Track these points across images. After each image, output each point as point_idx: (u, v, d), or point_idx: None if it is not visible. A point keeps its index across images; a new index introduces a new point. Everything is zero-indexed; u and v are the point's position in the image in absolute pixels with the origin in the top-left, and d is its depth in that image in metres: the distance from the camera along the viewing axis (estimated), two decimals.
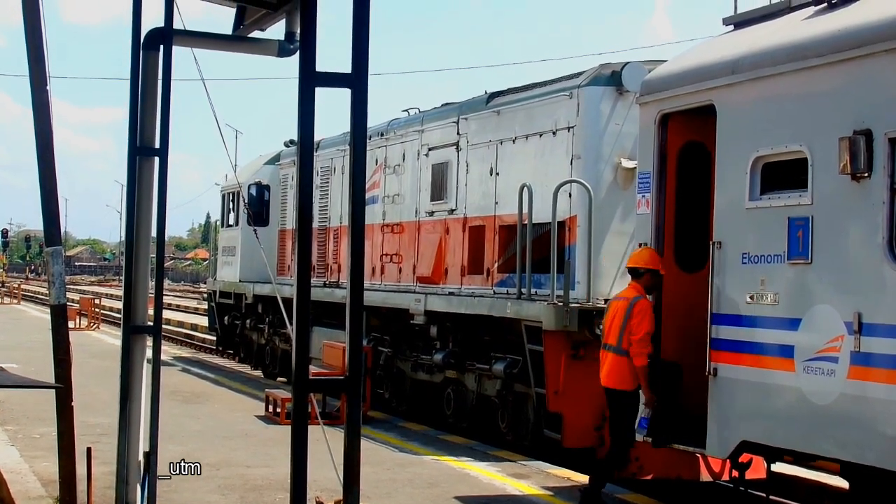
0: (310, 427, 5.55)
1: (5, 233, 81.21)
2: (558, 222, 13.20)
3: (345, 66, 5.55)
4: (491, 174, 15.29)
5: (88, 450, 9.22)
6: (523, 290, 13.72)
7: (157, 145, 8.41)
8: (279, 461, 12.42)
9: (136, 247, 8.42)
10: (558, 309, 12.83)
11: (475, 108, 15.96)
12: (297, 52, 5.59)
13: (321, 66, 5.49)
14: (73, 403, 9.05)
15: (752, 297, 9.24)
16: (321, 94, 5.50)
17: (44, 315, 36.14)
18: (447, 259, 16.33)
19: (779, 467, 10.43)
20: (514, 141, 14.87)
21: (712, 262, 9.71)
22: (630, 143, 13.15)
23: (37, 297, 62.82)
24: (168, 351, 29.18)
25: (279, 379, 22.80)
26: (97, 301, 42.48)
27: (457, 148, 16.19)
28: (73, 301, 41.22)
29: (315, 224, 20.21)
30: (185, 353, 31.44)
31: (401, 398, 17.58)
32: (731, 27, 10.63)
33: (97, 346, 29.44)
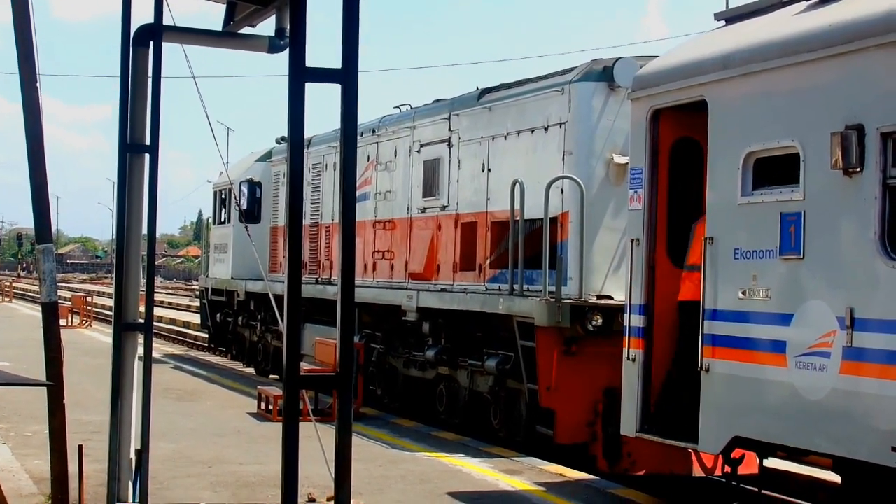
0: (302, 424, 5.55)
1: None
2: (550, 218, 13.19)
3: (335, 63, 5.54)
4: (483, 170, 15.28)
5: (80, 447, 9.21)
6: (515, 286, 13.71)
7: (147, 142, 8.38)
8: (271, 458, 12.41)
9: (128, 244, 8.40)
10: (550, 305, 12.82)
11: (467, 105, 15.95)
12: (288, 48, 5.58)
13: (311, 62, 5.48)
14: (64, 401, 9.04)
15: (744, 293, 9.24)
16: (312, 90, 5.50)
17: (35, 313, 36.06)
18: (439, 255, 16.32)
19: (771, 462, 10.45)
20: (505, 137, 14.86)
21: (704, 257, 9.71)
22: (622, 138, 13.14)
23: (28, 295, 62.74)
24: (160, 348, 29.15)
25: (271, 376, 22.79)
26: (89, 299, 42.46)
27: (448, 144, 16.18)
28: (64, 299, 41.16)
29: (307, 221, 20.20)
30: (178, 350, 31.41)
31: (393, 395, 17.57)
32: (723, 22, 10.63)
33: (89, 343, 29.41)
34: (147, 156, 8.37)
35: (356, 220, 5.82)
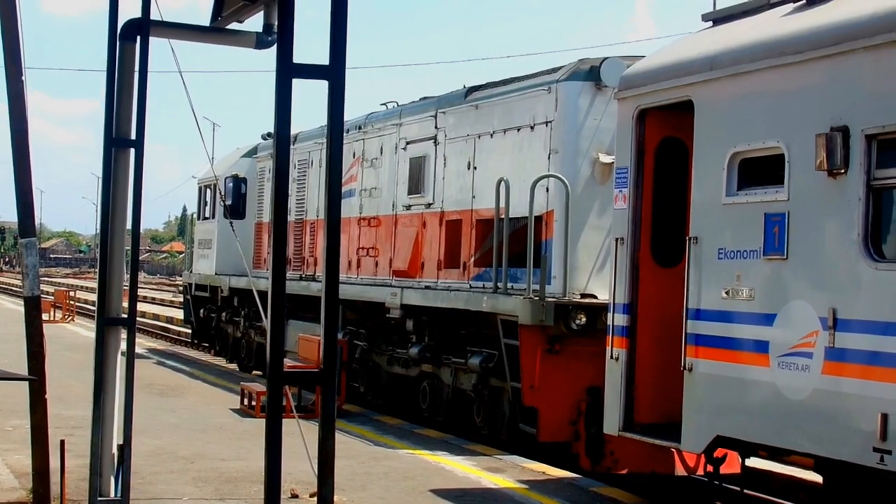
0: (285, 420, 5.53)
1: None
2: (535, 217, 13.20)
3: (323, 59, 5.53)
4: (468, 168, 15.29)
5: (62, 442, 9.18)
6: (499, 285, 13.71)
7: (133, 137, 8.36)
8: (254, 454, 12.39)
9: (112, 239, 8.37)
10: (534, 303, 12.83)
11: (453, 103, 15.95)
12: (275, 45, 5.56)
13: (299, 58, 5.47)
14: (46, 396, 9.01)
15: (727, 293, 9.26)
16: (299, 87, 5.48)
17: (18, 307, 35.95)
18: (424, 253, 16.32)
19: (753, 462, 10.49)
20: (491, 135, 14.87)
21: (689, 257, 9.74)
22: (608, 138, 13.16)
23: (11, 289, 62.52)
24: (143, 343, 29.08)
25: (255, 372, 22.75)
26: (72, 293, 42.30)
27: (434, 142, 16.18)
28: (47, 293, 41.02)
29: (292, 217, 20.18)
30: (160, 345, 31.34)
31: (376, 392, 17.57)
32: (710, 23, 10.65)
33: (72, 338, 29.32)
34: (132, 150, 8.35)
35: (341, 217, 5.81)
